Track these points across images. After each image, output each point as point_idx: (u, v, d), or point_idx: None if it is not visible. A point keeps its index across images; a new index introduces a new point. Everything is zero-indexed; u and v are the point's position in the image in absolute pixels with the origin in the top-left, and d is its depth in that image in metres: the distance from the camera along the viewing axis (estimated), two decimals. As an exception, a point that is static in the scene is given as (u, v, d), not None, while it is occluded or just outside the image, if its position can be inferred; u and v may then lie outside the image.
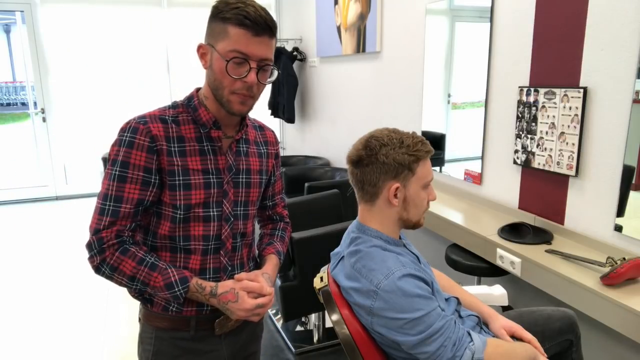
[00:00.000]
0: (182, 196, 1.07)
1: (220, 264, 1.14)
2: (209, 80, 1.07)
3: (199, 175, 1.09)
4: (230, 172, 1.14)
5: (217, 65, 1.02)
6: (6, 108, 10.95)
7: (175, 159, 1.06)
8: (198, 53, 1.06)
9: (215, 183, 1.11)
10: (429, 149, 1.21)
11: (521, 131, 2.15)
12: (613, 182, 1.77)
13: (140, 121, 1.05)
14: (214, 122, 1.10)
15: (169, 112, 1.10)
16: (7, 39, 10.09)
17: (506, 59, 2.24)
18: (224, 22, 1.00)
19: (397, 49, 3.16)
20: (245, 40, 0.99)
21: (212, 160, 1.11)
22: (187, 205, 1.07)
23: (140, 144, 1.03)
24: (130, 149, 1.03)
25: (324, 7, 4.16)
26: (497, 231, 2.04)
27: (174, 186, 1.06)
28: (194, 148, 1.09)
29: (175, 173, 1.06)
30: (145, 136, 1.03)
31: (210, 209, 1.11)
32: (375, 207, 1.22)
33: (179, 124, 1.09)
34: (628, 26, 1.66)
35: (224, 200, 1.13)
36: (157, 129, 1.05)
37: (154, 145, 1.04)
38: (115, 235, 1.03)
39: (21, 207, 5.25)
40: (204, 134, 1.10)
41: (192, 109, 1.11)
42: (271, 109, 4.99)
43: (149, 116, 1.07)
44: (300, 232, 2.25)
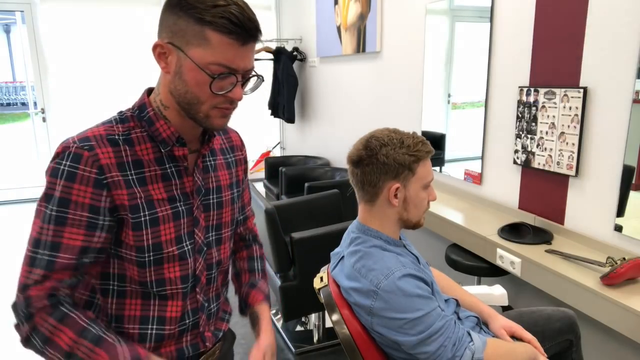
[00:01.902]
0: (150, 235, 0.87)
1: (197, 303, 0.98)
2: (172, 89, 0.85)
3: (165, 206, 0.89)
4: (200, 194, 0.95)
5: (192, 76, 0.82)
6: (6, 108, 10.97)
7: (137, 190, 0.86)
8: (154, 52, 0.84)
9: (184, 211, 0.92)
10: (430, 149, 1.21)
11: (521, 131, 2.15)
12: (613, 182, 1.77)
13: (84, 146, 0.81)
14: (177, 139, 0.89)
15: (118, 130, 0.87)
16: (7, 39, 10.11)
17: (506, 59, 2.24)
18: (200, 24, 0.79)
19: (397, 49, 3.16)
20: (232, 51, 0.81)
21: (177, 185, 0.91)
22: (157, 244, 0.88)
23: (85, 177, 0.80)
24: (71, 183, 0.80)
25: (324, 7, 4.16)
26: (497, 231, 2.04)
27: (139, 224, 0.86)
28: (155, 173, 0.88)
29: (140, 208, 0.86)
30: (91, 166, 0.81)
31: (184, 243, 0.92)
32: (375, 207, 1.22)
33: (133, 144, 0.87)
34: (628, 26, 1.66)
35: (195, 229, 0.95)
36: (106, 155, 0.83)
37: (103, 178, 0.82)
38: (48, 295, 0.80)
39: (21, 207, 5.25)
40: (165, 154, 0.90)
41: (147, 122, 0.88)
42: (271, 109, 4.99)
43: (94, 136, 0.84)
44: (300, 232, 2.25)
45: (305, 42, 4.76)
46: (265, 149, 5.57)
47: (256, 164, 5.48)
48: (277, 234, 2.30)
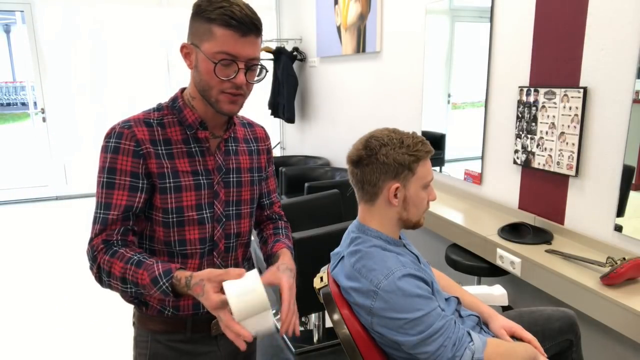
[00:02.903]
0: (174, 199, 1.05)
1: (214, 266, 1.13)
2: (195, 81, 1.05)
3: (188, 177, 1.07)
4: (220, 172, 1.12)
5: (204, 66, 1.00)
6: (6, 108, 10.98)
7: (164, 162, 1.05)
8: (182, 53, 1.04)
9: (206, 184, 1.10)
10: (429, 149, 1.21)
11: (521, 131, 2.15)
12: (613, 182, 1.77)
13: (125, 125, 1.04)
14: (200, 123, 1.08)
15: (154, 115, 1.08)
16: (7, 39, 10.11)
17: (506, 59, 2.24)
18: (209, 22, 0.97)
19: (397, 49, 3.16)
20: (233, 41, 0.98)
21: (200, 162, 1.09)
22: (179, 207, 1.06)
23: (126, 149, 1.02)
24: (116, 155, 1.01)
25: (324, 7, 4.16)
26: (497, 231, 2.04)
27: (165, 189, 1.05)
28: (181, 150, 1.07)
29: (165, 175, 1.05)
30: (130, 140, 1.02)
31: (204, 211, 1.09)
32: (375, 207, 1.22)
33: (165, 127, 1.07)
34: (628, 26, 1.66)
35: (215, 201, 1.11)
36: (142, 132, 1.04)
37: (140, 150, 1.02)
38: (103, 240, 1.01)
39: (21, 207, 5.25)
40: (190, 136, 1.09)
41: (177, 110, 1.09)
42: (271, 109, 4.99)
43: (134, 120, 1.06)
44: (300, 232, 2.25)
45: (305, 42, 4.76)
46: (265, 149, 5.56)
47: (256, 164, 5.48)
48: (277, 234, 2.30)
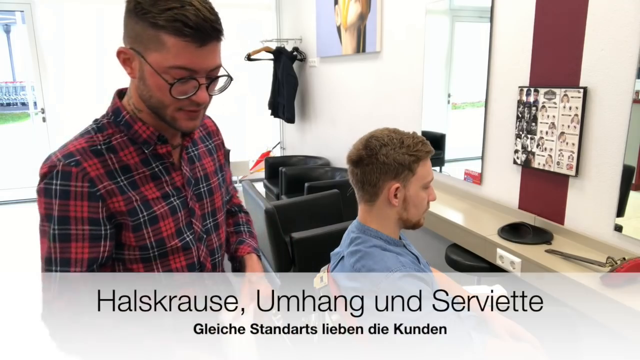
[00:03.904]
0: (152, 232, 0.90)
1: (205, 289, 1.02)
2: (141, 94, 0.86)
3: (161, 203, 0.92)
4: (190, 185, 0.98)
5: (154, 81, 0.82)
6: (6, 108, 10.97)
7: (131, 194, 0.88)
8: (119, 58, 0.84)
9: (180, 204, 0.95)
10: (429, 149, 1.21)
11: (521, 131, 2.15)
12: (613, 182, 1.77)
13: (70, 162, 0.82)
14: (158, 137, 0.91)
15: (99, 139, 0.87)
16: (7, 39, 10.11)
17: (506, 59, 2.23)
18: (155, 29, 0.78)
19: (397, 49, 3.16)
20: (189, 53, 0.79)
21: (168, 181, 0.94)
22: (160, 240, 0.92)
23: (78, 192, 0.82)
24: (66, 200, 0.82)
25: (324, 7, 4.15)
26: (497, 231, 2.04)
27: (139, 225, 0.89)
28: (144, 174, 0.90)
29: (137, 210, 0.88)
30: (82, 181, 0.82)
31: (185, 234, 0.96)
32: (375, 207, 1.22)
33: (116, 151, 0.88)
34: (628, 26, 1.66)
35: (192, 219, 0.98)
36: (94, 167, 0.84)
37: (97, 190, 0.83)
38: (68, 305, 0.85)
39: (21, 207, 5.25)
40: (149, 154, 0.91)
41: (125, 126, 0.89)
42: (271, 109, 4.99)
43: (77, 151, 0.84)
44: (300, 232, 2.25)
45: (305, 42, 4.76)
46: (265, 149, 5.56)
47: (256, 164, 5.48)
48: (277, 234, 2.31)
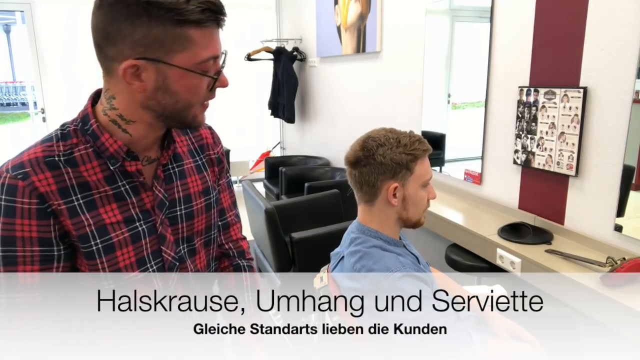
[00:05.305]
0: (106, 263, 0.78)
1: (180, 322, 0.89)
2: (154, 105, 0.76)
3: (121, 229, 0.79)
4: (163, 208, 0.85)
5: (183, 84, 0.75)
6: (6, 108, 10.98)
7: (84, 218, 0.76)
8: (125, 76, 0.73)
9: (146, 230, 0.82)
10: (427, 147, 1.20)
11: (521, 131, 2.15)
12: (613, 182, 1.77)
13: (18, 175, 0.72)
14: (126, 153, 0.79)
15: (59, 148, 0.76)
16: (7, 39, 10.11)
17: (506, 59, 2.23)
18: (181, 26, 0.71)
19: (397, 49, 3.16)
20: (213, 40, 0.75)
21: (134, 203, 0.81)
22: (116, 271, 0.79)
23: (25, 210, 0.72)
24: (11, 218, 0.72)
25: (324, 7, 4.15)
26: (497, 231, 2.04)
27: (91, 253, 0.77)
28: (105, 194, 0.78)
29: (89, 236, 0.76)
30: (29, 197, 0.72)
31: (148, 265, 0.83)
32: (374, 208, 1.22)
33: (76, 164, 0.76)
34: (628, 26, 1.66)
35: (162, 247, 0.85)
36: (44, 182, 0.73)
37: (47, 207, 0.73)
38: (19, 339, 0.75)
39: (21, 207, 5.25)
40: (115, 170, 0.79)
41: (91, 136, 0.78)
42: (271, 109, 4.99)
43: (29, 161, 0.74)
44: (300, 232, 2.25)
45: (305, 42, 4.75)
46: (265, 149, 5.57)
47: (256, 164, 5.48)
48: (277, 234, 2.31)
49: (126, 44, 0.72)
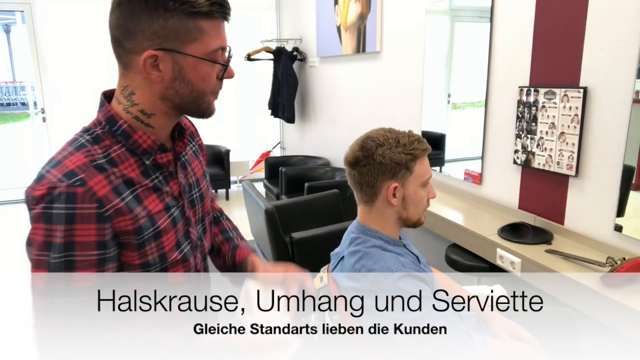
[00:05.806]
0: (155, 248, 0.85)
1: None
2: (172, 95, 0.82)
3: (164, 217, 0.86)
4: (186, 193, 0.93)
5: (197, 73, 0.81)
6: (6, 108, 10.99)
7: (138, 211, 0.81)
8: (145, 66, 0.79)
9: (179, 215, 0.90)
10: (426, 146, 1.20)
11: (521, 131, 2.15)
12: (613, 182, 1.77)
13: (75, 182, 0.74)
14: (159, 146, 0.86)
15: (97, 152, 0.79)
16: (7, 39, 10.12)
17: (506, 59, 2.23)
18: (194, 17, 0.77)
19: (397, 49, 3.16)
20: (221, 31, 0.82)
21: (168, 192, 0.88)
22: (162, 255, 0.86)
23: (86, 215, 0.74)
24: (72, 225, 0.73)
25: (324, 7, 4.15)
26: (497, 231, 2.04)
27: (143, 243, 0.82)
28: (146, 187, 0.84)
29: (144, 228, 0.82)
30: (89, 202, 0.74)
31: (183, 245, 0.91)
32: (374, 208, 1.22)
33: (116, 164, 0.80)
34: (628, 26, 1.66)
35: (189, 228, 0.93)
36: (101, 185, 0.76)
37: (104, 211, 0.76)
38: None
39: (21, 207, 5.25)
40: (149, 165, 0.85)
41: (122, 135, 0.82)
42: (271, 109, 4.99)
43: (79, 168, 0.76)
44: (300, 232, 2.25)
45: (305, 42, 4.76)
46: (265, 149, 5.57)
47: (256, 164, 5.48)
48: (277, 234, 2.31)
49: (145, 35, 0.78)
